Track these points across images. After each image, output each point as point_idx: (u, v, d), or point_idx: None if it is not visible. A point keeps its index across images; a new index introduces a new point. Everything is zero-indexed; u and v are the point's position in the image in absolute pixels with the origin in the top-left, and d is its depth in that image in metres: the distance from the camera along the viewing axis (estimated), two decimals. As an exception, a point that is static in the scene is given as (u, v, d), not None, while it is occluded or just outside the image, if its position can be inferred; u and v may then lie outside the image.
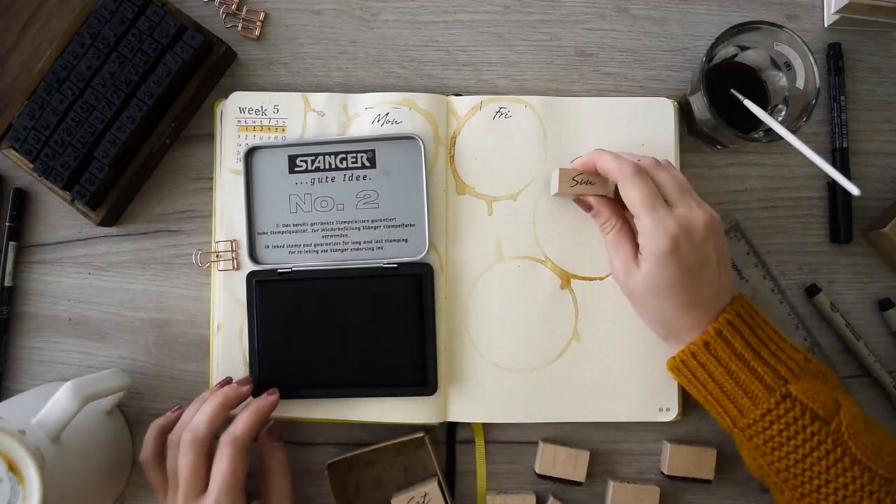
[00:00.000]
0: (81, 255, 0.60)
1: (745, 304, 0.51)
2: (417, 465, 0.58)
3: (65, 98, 0.55)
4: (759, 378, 0.49)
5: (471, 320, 0.58)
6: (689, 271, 0.49)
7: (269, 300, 0.56)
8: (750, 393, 0.49)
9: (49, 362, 0.59)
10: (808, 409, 0.47)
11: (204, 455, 0.49)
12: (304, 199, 0.58)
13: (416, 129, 0.57)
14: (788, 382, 0.48)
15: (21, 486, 0.45)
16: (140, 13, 0.55)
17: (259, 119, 0.58)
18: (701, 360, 0.50)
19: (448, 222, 0.58)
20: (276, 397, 0.54)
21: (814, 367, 0.50)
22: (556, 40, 0.61)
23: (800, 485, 0.48)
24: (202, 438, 0.49)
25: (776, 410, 0.48)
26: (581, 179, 0.54)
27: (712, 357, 0.50)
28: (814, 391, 0.48)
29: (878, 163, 0.61)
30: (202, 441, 0.49)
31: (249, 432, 0.51)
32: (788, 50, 0.54)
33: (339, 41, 0.61)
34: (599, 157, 0.52)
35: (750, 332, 0.50)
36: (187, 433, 0.49)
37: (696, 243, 0.49)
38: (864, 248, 0.60)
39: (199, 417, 0.50)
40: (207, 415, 0.50)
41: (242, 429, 0.50)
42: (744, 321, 0.50)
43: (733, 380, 0.49)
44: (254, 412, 0.52)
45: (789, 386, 0.48)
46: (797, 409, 0.48)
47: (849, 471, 0.47)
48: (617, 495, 0.57)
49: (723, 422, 0.52)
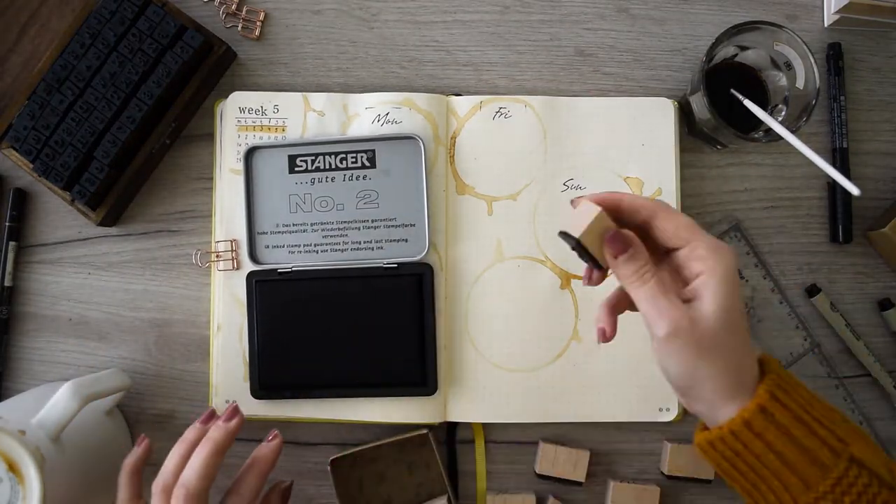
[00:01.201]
0: (81, 255, 0.60)
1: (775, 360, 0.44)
2: (420, 461, 0.58)
3: (65, 98, 0.55)
4: (823, 441, 0.40)
5: (471, 320, 0.58)
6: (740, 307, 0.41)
7: (269, 300, 0.56)
8: (817, 461, 0.40)
9: (49, 362, 0.59)
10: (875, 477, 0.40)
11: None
12: (304, 199, 0.58)
13: (416, 129, 0.57)
14: (848, 444, 0.40)
15: (21, 486, 0.45)
16: (140, 13, 0.55)
17: (259, 119, 0.58)
18: (757, 430, 0.40)
19: (448, 222, 0.58)
20: (278, 442, 0.49)
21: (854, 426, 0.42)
22: (556, 40, 0.61)
23: None
24: (196, 494, 0.45)
25: (846, 479, 0.40)
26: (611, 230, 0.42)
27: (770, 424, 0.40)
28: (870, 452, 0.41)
29: (878, 163, 0.61)
30: (196, 497, 0.45)
31: (257, 491, 0.47)
32: (788, 50, 0.54)
33: (339, 41, 0.61)
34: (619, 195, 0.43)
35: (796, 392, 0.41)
36: (180, 487, 0.45)
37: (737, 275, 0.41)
38: (864, 248, 0.60)
39: (191, 470, 0.45)
40: (199, 467, 0.45)
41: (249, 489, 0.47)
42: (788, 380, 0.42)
43: (797, 447, 0.40)
44: (261, 468, 0.48)
45: (850, 448, 0.40)
46: (865, 475, 0.40)
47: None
48: (617, 495, 0.57)
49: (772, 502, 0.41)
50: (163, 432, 0.58)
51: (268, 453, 0.49)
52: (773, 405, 0.40)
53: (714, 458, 0.42)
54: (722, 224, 0.60)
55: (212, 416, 0.50)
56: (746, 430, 0.40)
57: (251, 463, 0.48)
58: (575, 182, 0.58)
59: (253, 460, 0.49)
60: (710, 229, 0.59)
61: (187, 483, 0.45)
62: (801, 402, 0.41)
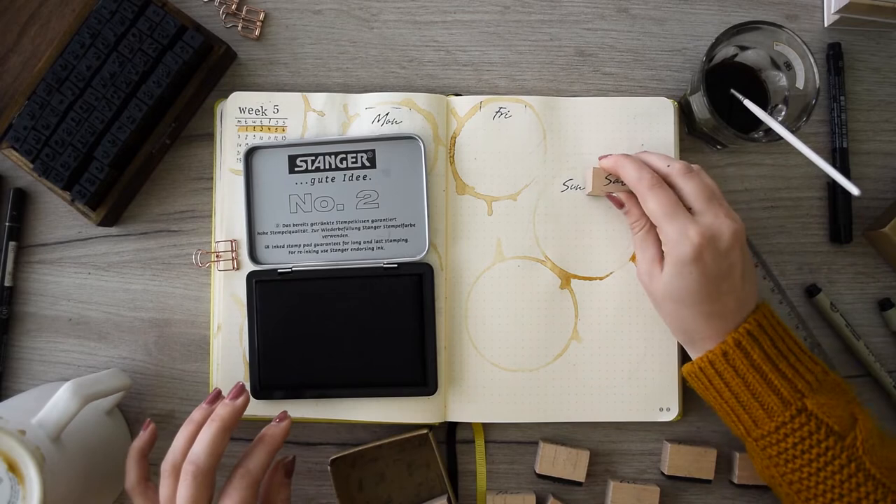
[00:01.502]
0: (81, 255, 0.60)
1: (768, 314, 0.50)
2: (420, 461, 0.58)
3: (65, 98, 0.55)
4: (776, 391, 0.48)
5: (471, 320, 0.58)
6: (712, 281, 0.48)
7: (269, 300, 0.56)
8: (766, 405, 0.48)
9: (49, 362, 0.59)
10: (824, 424, 0.47)
11: (206, 488, 0.45)
12: (304, 199, 0.58)
13: (416, 129, 0.57)
14: (805, 396, 0.48)
15: (21, 486, 0.45)
16: (140, 13, 0.55)
17: (259, 119, 0.58)
18: (718, 370, 0.50)
19: (448, 222, 0.58)
20: (287, 423, 0.50)
21: (831, 381, 0.49)
22: (555, 40, 0.61)
23: (812, 497, 0.48)
24: (205, 470, 0.45)
25: (791, 424, 0.48)
26: (613, 178, 0.55)
27: (730, 367, 0.49)
28: (830, 405, 0.48)
29: (878, 163, 0.61)
30: (205, 473, 0.45)
31: (264, 467, 0.48)
32: (788, 50, 0.54)
33: (339, 41, 0.61)
34: (622, 164, 0.53)
35: (770, 344, 0.49)
36: (189, 464, 0.45)
37: (720, 253, 0.48)
38: (864, 248, 0.60)
39: (199, 447, 0.46)
40: (207, 443, 0.46)
41: (257, 465, 0.47)
42: (764, 332, 0.49)
43: (749, 391, 0.49)
44: (269, 445, 0.48)
45: (805, 400, 0.48)
46: (812, 423, 0.47)
47: (862, 486, 0.47)
48: (617, 495, 0.57)
49: (735, 430, 0.51)
50: (163, 432, 0.58)
51: (277, 432, 0.49)
52: (735, 353, 0.49)
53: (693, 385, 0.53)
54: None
55: (217, 396, 0.50)
56: (710, 367, 0.50)
57: (259, 439, 0.49)
58: (575, 182, 0.58)
59: (261, 437, 0.49)
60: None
61: (195, 459, 0.45)
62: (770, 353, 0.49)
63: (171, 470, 0.46)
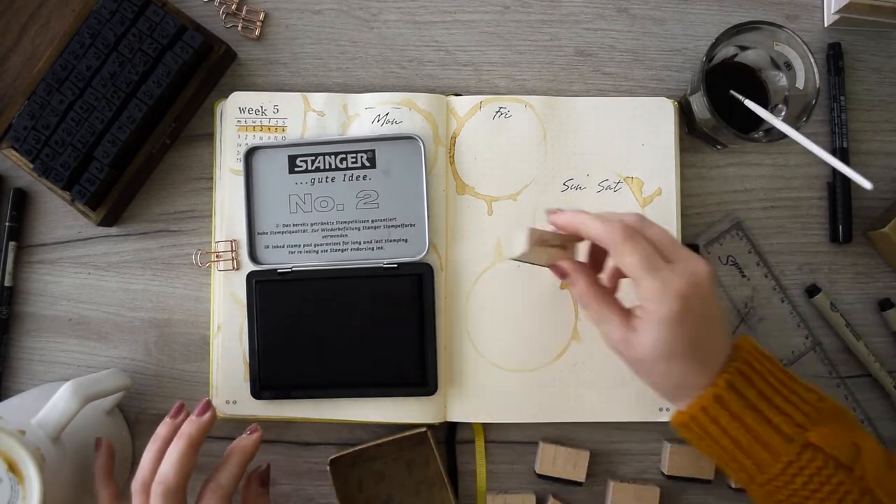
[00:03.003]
0: (81, 255, 0.60)
1: (752, 348, 0.47)
2: (419, 459, 0.58)
3: (65, 98, 0.55)
4: (776, 428, 0.45)
5: (471, 320, 0.58)
6: (701, 327, 0.45)
7: (269, 300, 0.56)
8: (768, 445, 0.45)
9: (49, 362, 0.59)
10: (831, 459, 0.44)
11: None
12: (304, 199, 0.58)
13: (416, 129, 0.57)
14: (807, 430, 0.45)
15: (21, 486, 0.45)
16: (140, 13, 0.55)
17: (259, 119, 0.58)
18: (713, 415, 0.45)
19: (448, 222, 0.58)
20: (258, 435, 0.50)
21: (829, 408, 0.46)
22: (556, 40, 0.61)
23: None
24: (174, 489, 0.45)
25: (798, 462, 0.44)
26: (554, 242, 0.48)
27: (724, 411, 0.45)
28: (833, 436, 0.45)
29: (878, 163, 0.61)
30: (174, 492, 0.45)
31: (236, 480, 0.48)
32: (788, 50, 0.54)
33: (339, 41, 0.61)
34: (582, 221, 0.47)
35: (760, 379, 0.46)
36: (158, 484, 0.45)
37: (705, 296, 0.45)
38: (864, 248, 0.60)
39: (167, 465, 0.46)
40: (175, 461, 0.46)
41: (228, 478, 0.47)
42: (753, 369, 0.46)
43: (749, 434, 0.45)
44: (240, 458, 0.48)
45: (808, 434, 0.44)
46: (819, 458, 0.44)
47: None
48: (617, 495, 0.57)
49: (738, 477, 0.47)
50: (163, 432, 0.58)
51: (248, 444, 0.49)
52: (729, 395, 0.45)
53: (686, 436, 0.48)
54: (723, 223, 0.60)
55: (180, 409, 0.50)
56: (703, 414, 0.45)
57: (229, 453, 0.49)
58: (575, 182, 0.58)
59: (232, 450, 0.49)
60: (711, 229, 0.59)
61: (164, 479, 0.45)
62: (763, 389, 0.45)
63: (140, 489, 0.46)
